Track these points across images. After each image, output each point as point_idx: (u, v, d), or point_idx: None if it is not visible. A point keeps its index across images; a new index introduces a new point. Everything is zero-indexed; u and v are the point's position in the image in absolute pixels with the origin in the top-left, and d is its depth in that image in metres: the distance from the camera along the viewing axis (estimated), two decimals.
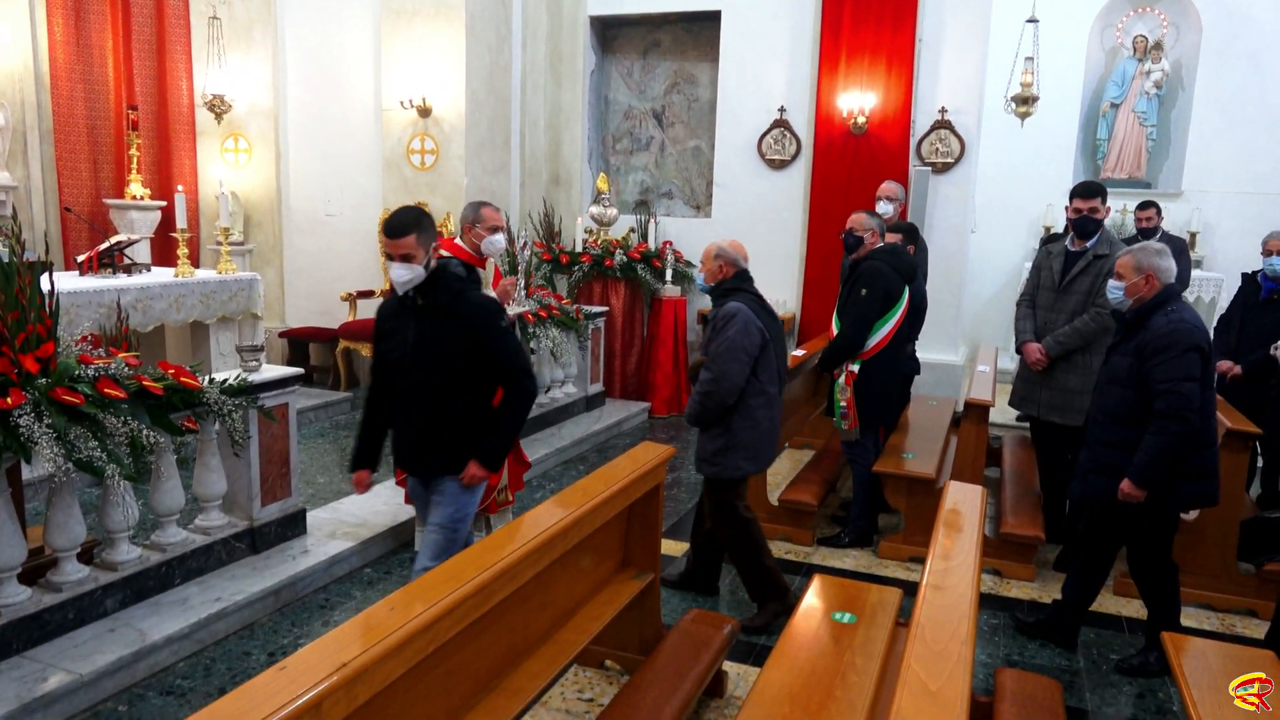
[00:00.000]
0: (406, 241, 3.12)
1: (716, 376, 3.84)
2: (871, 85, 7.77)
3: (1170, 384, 3.48)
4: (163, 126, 8.34)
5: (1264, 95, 9.14)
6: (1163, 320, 3.55)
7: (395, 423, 3.46)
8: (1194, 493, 3.69)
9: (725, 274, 4.02)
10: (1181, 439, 3.50)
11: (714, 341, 3.87)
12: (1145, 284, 3.61)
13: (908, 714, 1.70)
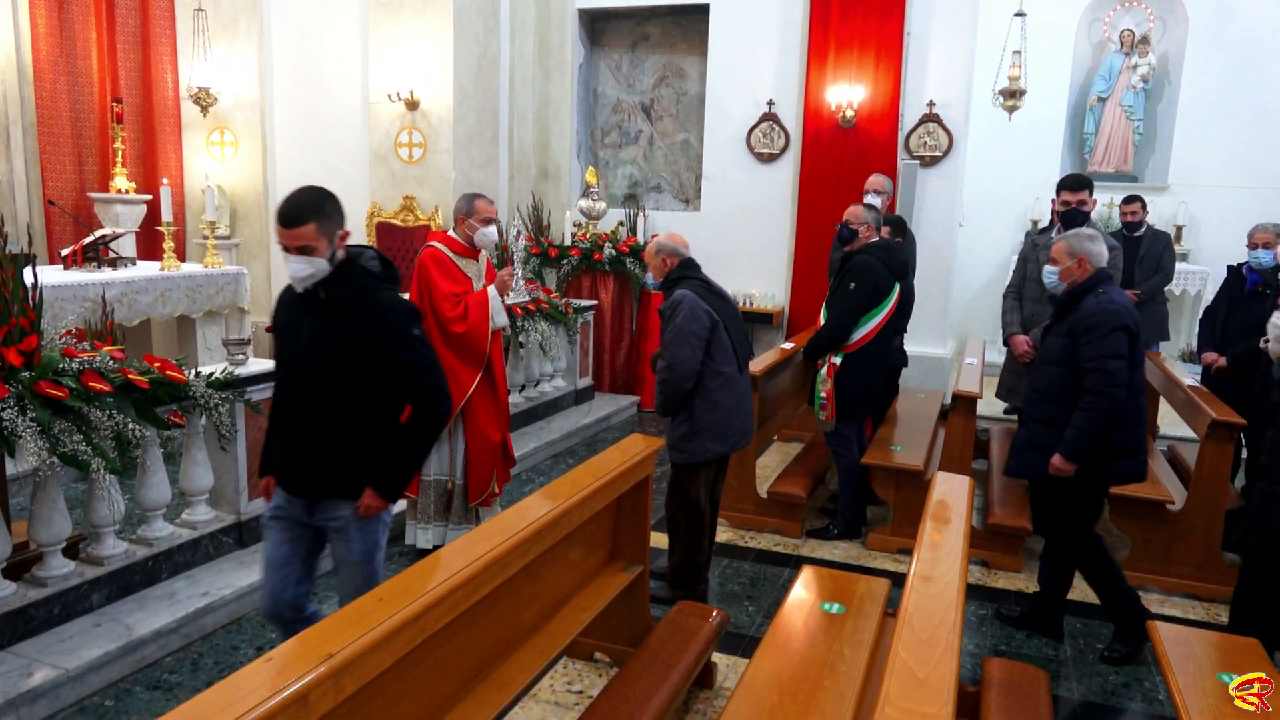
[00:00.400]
0: (304, 231, 2.63)
1: (670, 364, 3.90)
2: (860, 78, 7.77)
3: (1098, 361, 3.62)
4: (147, 119, 8.28)
5: (1249, 90, 9.19)
6: (1093, 301, 3.70)
7: (276, 430, 2.96)
8: (1122, 469, 3.83)
9: (670, 266, 4.11)
10: (1109, 415, 3.63)
11: (665, 331, 3.96)
12: (1078, 268, 3.77)
13: (896, 701, 1.70)
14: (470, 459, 4.58)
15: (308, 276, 2.70)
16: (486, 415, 4.56)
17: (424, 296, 4.42)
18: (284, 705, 1.62)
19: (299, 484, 2.88)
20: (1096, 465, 3.73)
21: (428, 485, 4.64)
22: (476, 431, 4.56)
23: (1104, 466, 3.77)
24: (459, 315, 4.39)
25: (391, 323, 2.79)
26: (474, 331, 4.43)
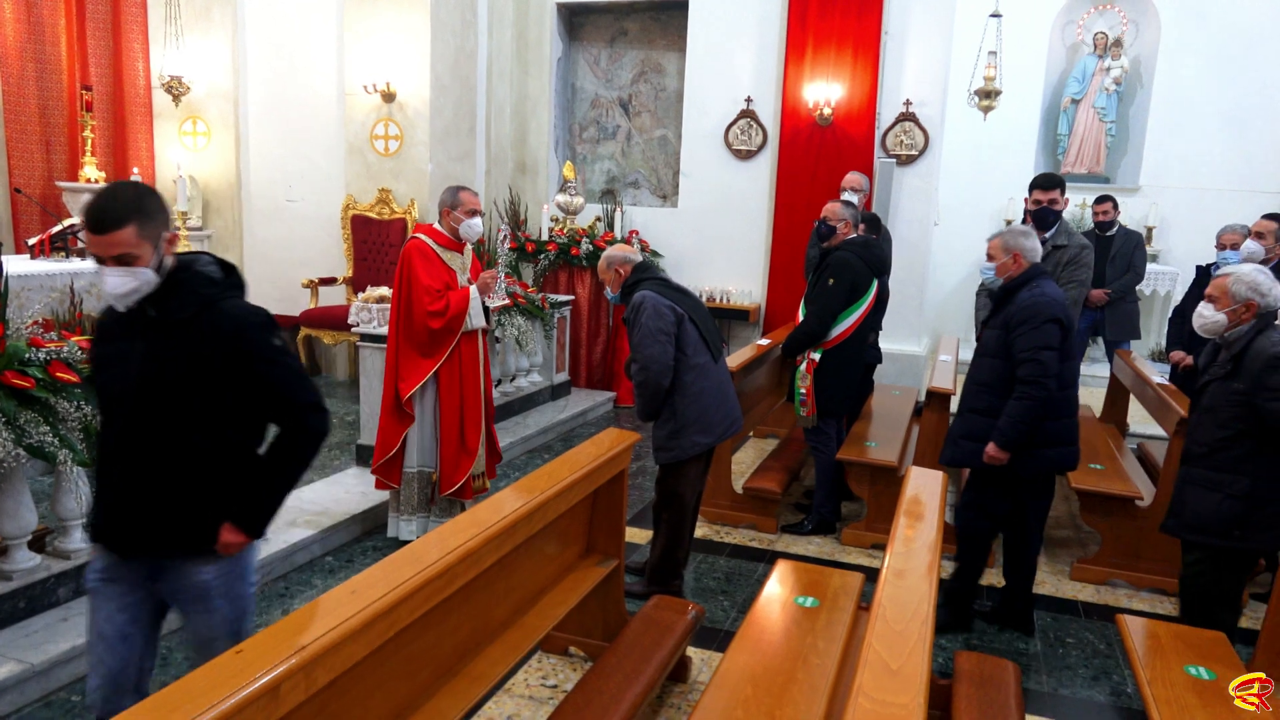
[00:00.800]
0: (122, 236, 2.16)
1: (644, 364, 3.88)
2: (837, 76, 7.80)
3: (1030, 352, 3.72)
4: (118, 108, 8.15)
5: (1220, 93, 9.33)
6: (1027, 295, 3.80)
7: (100, 482, 2.41)
8: (1056, 457, 3.93)
9: (625, 275, 4.11)
10: (1040, 404, 3.73)
11: (632, 335, 3.95)
12: (1013, 263, 3.89)
13: (870, 691, 1.71)
14: (440, 451, 4.58)
15: (130, 292, 2.22)
16: (450, 408, 4.55)
17: (403, 287, 4.43)
18: (254, 697, 1.60)
19: (137, 543, 2.35)
20: (1028, 454, 3.83)
21: (410, 476, 4.62)
22: (444, 422, 4.55)
23: (1036, 455, 3.86)
24: (439, 310, 4.38)
25: (249, 334, 2.33)
26: (449, 327, 4.43)
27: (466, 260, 4.65)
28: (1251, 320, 3.29)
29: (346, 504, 4.97)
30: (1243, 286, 3.28)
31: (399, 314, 4.49)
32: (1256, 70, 9.20)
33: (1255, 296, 3.26)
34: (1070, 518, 5.58)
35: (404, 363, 4.49)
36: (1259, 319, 3.28)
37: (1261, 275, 3.30)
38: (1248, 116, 9.29)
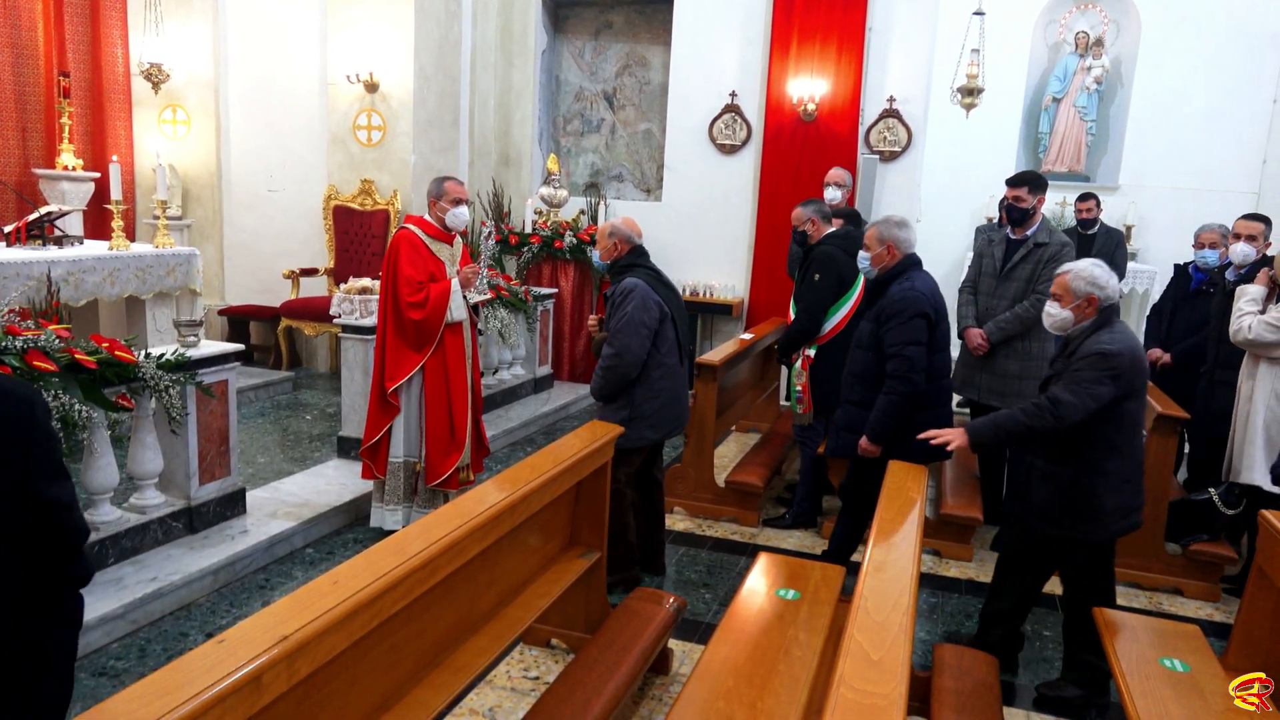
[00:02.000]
0: None
1: (619, 351, 3.94)
2: (822, 72, 7.82)
3: (898, 347, 3.81)
4: (96, 95, 8.05)
5: (1199, 93, 9.41)
6: (897, 288, 3.89)
7: None
8: (926, 449, 3.90)
9: (620, 251, 4.16)
10: (907, 398, 3.82)
11: (614, 317, 3.99)
12: (887, 254, 3.97)
13: (851, 681, 1.72)
14: (426, 442, 4.57)
15: None
16: (437, 400, 4.54)
17: (390, 278, 4.43)
18: (236, 687, 1.59)
19: None
20: (900, 445, 3.88)
21: (396, 466, 4.61)
22: (430, 414, 4.54)
23: (907, 447, 3.88)
24: (419, 302, 4.38)
25: (28, 427, 1.53)
26: (430, 320, 4.42)
27: (456, 251, 4.64)
28: (1094, 315, 3.30)
29: (328, 495, 4.95)
30: (1081, 282, 3.28)
31: (387, 306, 4.47)
32: (1234, 71, 9.28)
33: (1095, 290, 3.27)
34: None
35: (391, 355, 4.48)
36: (1100, 314, 3.29)
37: (1099, 269, 3.31)
38: (1225, 117, 9.37)
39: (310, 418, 6.77)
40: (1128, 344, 3.22)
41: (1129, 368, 3.18)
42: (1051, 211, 8.96)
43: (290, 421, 6.66)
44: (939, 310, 3.91)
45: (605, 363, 4.01)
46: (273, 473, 5.41)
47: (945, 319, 4.03)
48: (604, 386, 4.07)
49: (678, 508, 5.36)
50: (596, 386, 4.11)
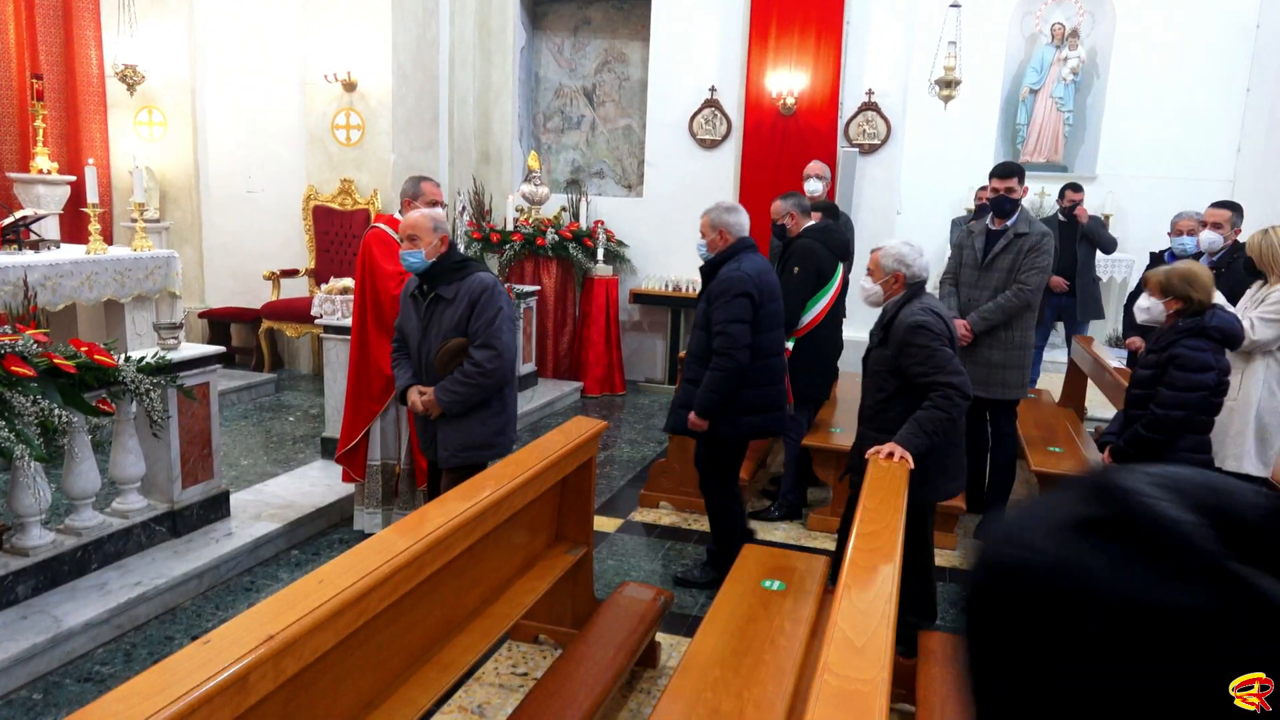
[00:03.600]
0: None
1: (500, 352, 3.56)
2: (800, 66, 7.85)
3: (722, 325, 3.91)
4: (70, 97, 7.97)
5: (1173, 83, 9.50)
6: (725, 270, 3.99)
7: None
8: (759, 424, 4.13)
9: (726, 242, 4.09)
10: (732, 375, 3.92)
11: (479, 320, 3.57)
12: (720, 239, 4.06)
13: (835, 668, 1.74)
14: (412, 442, 4.56)
15: None
16: None
17: (367, 277, 4.41)
18: (222, 687, 1.59)
19: None
20: (728, 421, 4.00)
21: (374, 469, 4.60)
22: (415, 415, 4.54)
23: (738, 422, 4.03)
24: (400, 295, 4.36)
25: None
26: None
27: None
28: (901, 291, 3.50)
29: (312, 497, 4.93)
30: (890, 260, 3.50)
31: (364, 304, 4.46)
32: (1208, 60, 9.38)
33: (901, 268, 3.49)
34: None
35: (376, 352, 4.45)
36: (908, 289, 3.50)
37: (906, 248, 3.52)
38: (1200, 106, 9.47)
39: (293, 419, 6.74)
40: (933, 311, 3.45)
41: (943, 330, 3.41)
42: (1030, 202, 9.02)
43: (273, 423, 6.63)
44: (764, 290, 4.00)
45: (479, 369, 3.55)
46: (256, 475, 5.39)
47: (775, 299, 4.12)
48: (470, 397, 3.60)
49: (663, 502, 5.38)
50: (459, 398, 3.58)
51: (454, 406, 3.59)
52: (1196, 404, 3.52)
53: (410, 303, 3.75)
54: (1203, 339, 3.51)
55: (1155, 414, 3.54)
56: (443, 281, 3.61)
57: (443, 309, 3.61)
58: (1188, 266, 3.65)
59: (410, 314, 3.74)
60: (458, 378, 3.56)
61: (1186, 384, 3.50)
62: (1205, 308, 3.55)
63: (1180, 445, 3.57)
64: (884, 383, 3.53)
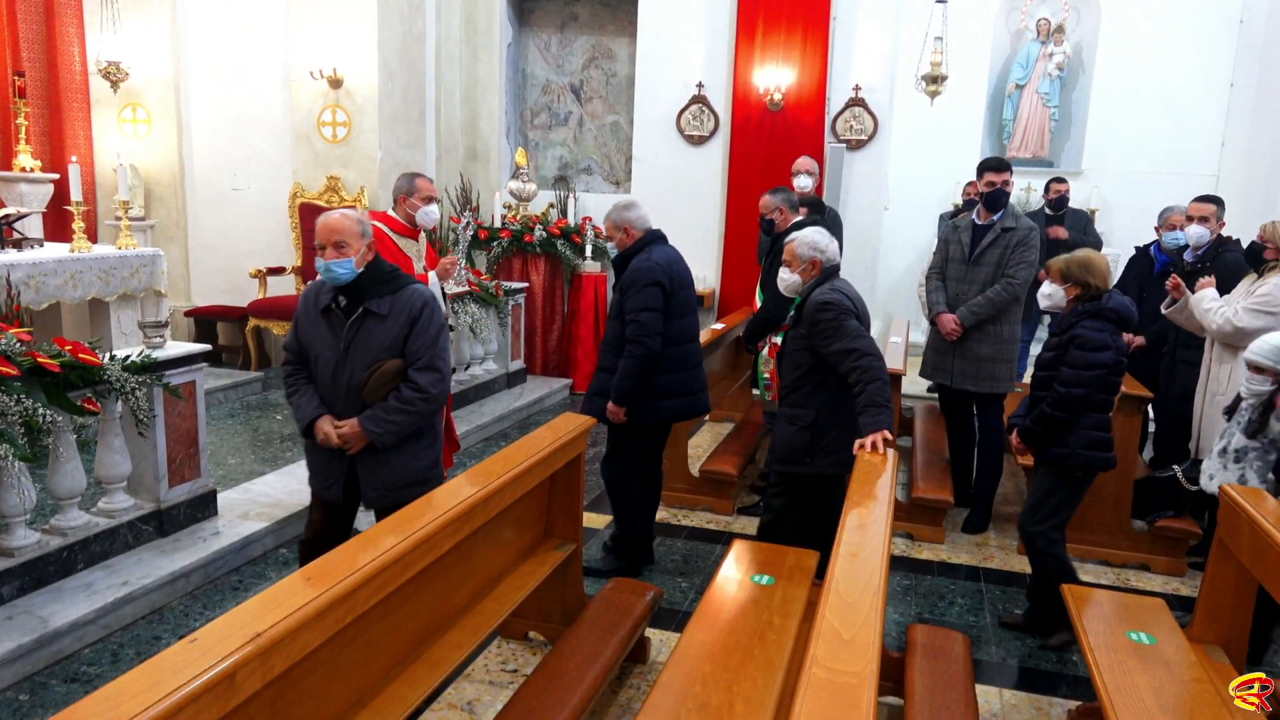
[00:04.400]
0: None
1: (444, 375, 3.22)
2: (788, 62, 7.85)
3: (634, 313, 4.01)
4: (53, 94, 7.89)
5: (1159, 79, 9.55)
6: (636, 261, 4.09)
7: None
8: (673, 408, 4.21)
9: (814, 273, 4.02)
10: (644, 361, 4.00)
11: (420, 339, 3.19)
12: (626, 236, 4.15)
13: (823, 661, 1.75)
14: None
15: None
16: None
17: None
18: (209, 685, 1.59)
19: None
20: (646, 406, 4.10)
21: None
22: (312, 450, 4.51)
23: (655, 407, 4.14)
24: None
25: None
26: None
27: (421, 248, 4.62)
28: (817, 276, 3.66)
29: (300, 495, 4.90)
30: (805, 248, 3.65)
31: None
32: (1192, 55, 9.44)
33: (816, 254, 3.64)
34: (1018, 493, 5.71)
35: None
36: (823, 274, 3.66)
37: (819, 235, 3.67)
38: (1184, 101, 9.53)
39: (281, 418, 6.71)
40: (843, 291, 3.59)
41: (849, 309, 3.54)
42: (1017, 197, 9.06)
43: (260, 422, 6.60)
44: (674, 279, 4.10)
45: (421, 395, 3.17)
46: (244, 474, 5.37)
47: (686, 287, 4.22)
48: (412, 424, 3.22)
49: None
50: (404, 425, 3.17)
51: (388, 438, 3.13)
52: (1096, 382, 3.66)
53: (320, 319, 3.17)
54: (1100, 320, 3.67)
55: (1059, 392, 3.68)
56: (372, 295, 3.11)
57: (373, 327, 3.12)
58: (1086, 254, 3.81)
59: (320, 332, 3.17)
60: (395, 405, 3.12)
61: (1086, 363, 3.64)
62: (1102, 292, 3.73)
63: (1082, 423, 3.71)
64: (800, 360, 3.67)
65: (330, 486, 3.30)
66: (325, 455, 3.25)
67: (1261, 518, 2.81)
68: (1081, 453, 3.71)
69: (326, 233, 3.04)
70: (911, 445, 6.02)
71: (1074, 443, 3.70)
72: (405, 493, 3.09)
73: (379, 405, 3.13)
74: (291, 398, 3.30)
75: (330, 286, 3.13)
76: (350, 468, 3.24)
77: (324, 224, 3.06)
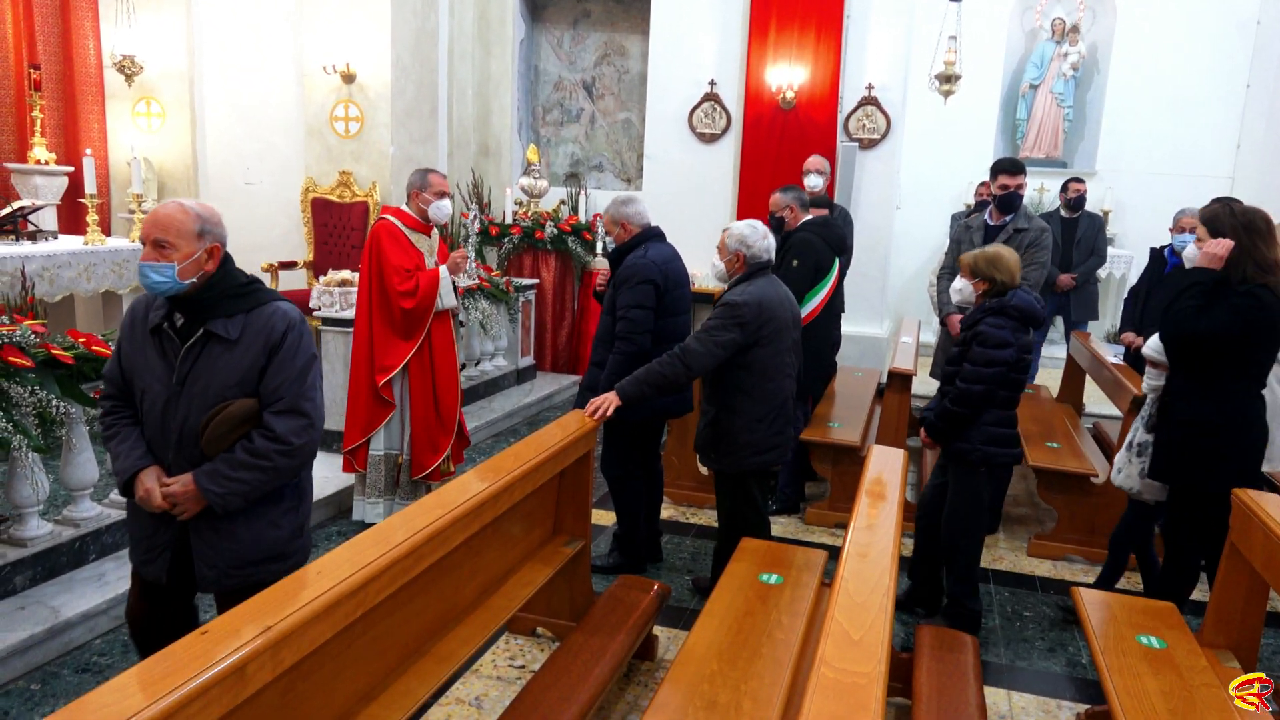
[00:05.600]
0: None
1: (313, 421, 2.61)
2: (800, 60, 7.83)
3: (624, 310, 4.01)
4: (68, 88, 7.94)
5: (1173, 79, 9.50)
6: (632, 257, 4.07)
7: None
8: (662, 406, 4.18)
9: None
10: (632, 359, 3.94)
11: (282, 373, 2.55)
12: (624, 230, 4.15)
13: (832, 661, 1.75)
14: (412, 433, 4.57)
15: None
16: (422, 390, 4.54)
17: (374, 268, 4.40)
18: (220, 677, 1.60)
19: None
20: (641, 402, 4.03)
21: (376, 460, 4.61)
22: (415, 406, 4.54)
23: (650, 404, 4.07)
24: (409, 290, 4.36)
25: None
26: (420, 307, 4.41)
27: (434, 243, 4.63)
28: (743, 270, 3.70)
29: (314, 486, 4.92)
30: (733, 240, 3.70)
31: (371, 297, 4.44)
32: (1208, 56, 9.38)
33: (742, 248, 3.68)
34: (1028, 495, 5.69)
35: (380, 346, 4.45)
36: (748, 268, 3.70)
37: (749, 230, 3.70)
38: (1199, 102, 9.47)
39: None
40: (757, 296, 3.58)
41: (754, 317, 3.54)
42: (1030, 198, 9.03)
43: None
44: (669, 277, 4.09)
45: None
46: None
47: (680, 285, 4.21)
48: None
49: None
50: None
51: (232, 501, 2.40)
52: (995, 379, 3.68)
53: (148, 341, 2.45)
54: (1003, 317, 3.69)
55: (959, 388, 3.72)
56: (217, 313, 2.42)
57: (217, 355, 2.40)
58: (995, 250, 3.82)
59: (149, 358, 2.45)
60: (244, 459, 2.40)
61: (986, 359, 3.67)
62: (1008, 289, 3.74)
63: (983, 420, 3.74)
64: None
65: (152, 561, 2.51)
66: (149, 521, 2.48)
67: (1275, 522, 2.79)
68: (982, 448, 3.74)
69: (149, 227, 2.39)
70: (922, 445, 6.00)
71: (975, 438, 3.74)
72: (257, 571, 2.49)
73: (222, 458, 2.40)
74: (109, 444, 2.51)
75: (163, 299, 2.43)
76: (181, 538, 2.47)
77: (149, 217, 2.41)
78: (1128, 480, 3.86)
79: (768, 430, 3.71)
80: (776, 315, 3.63)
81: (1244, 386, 3.42)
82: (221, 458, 2.40)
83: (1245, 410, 3.43)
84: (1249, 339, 3.31)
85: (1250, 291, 3.29)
